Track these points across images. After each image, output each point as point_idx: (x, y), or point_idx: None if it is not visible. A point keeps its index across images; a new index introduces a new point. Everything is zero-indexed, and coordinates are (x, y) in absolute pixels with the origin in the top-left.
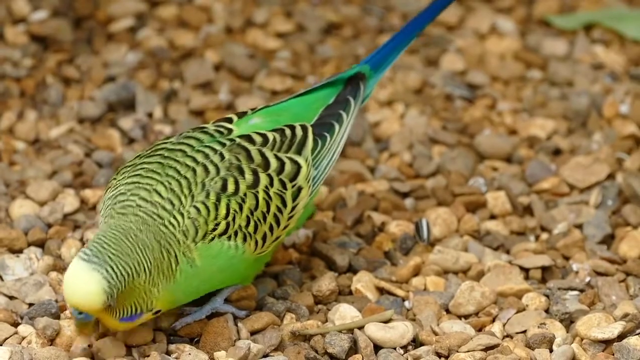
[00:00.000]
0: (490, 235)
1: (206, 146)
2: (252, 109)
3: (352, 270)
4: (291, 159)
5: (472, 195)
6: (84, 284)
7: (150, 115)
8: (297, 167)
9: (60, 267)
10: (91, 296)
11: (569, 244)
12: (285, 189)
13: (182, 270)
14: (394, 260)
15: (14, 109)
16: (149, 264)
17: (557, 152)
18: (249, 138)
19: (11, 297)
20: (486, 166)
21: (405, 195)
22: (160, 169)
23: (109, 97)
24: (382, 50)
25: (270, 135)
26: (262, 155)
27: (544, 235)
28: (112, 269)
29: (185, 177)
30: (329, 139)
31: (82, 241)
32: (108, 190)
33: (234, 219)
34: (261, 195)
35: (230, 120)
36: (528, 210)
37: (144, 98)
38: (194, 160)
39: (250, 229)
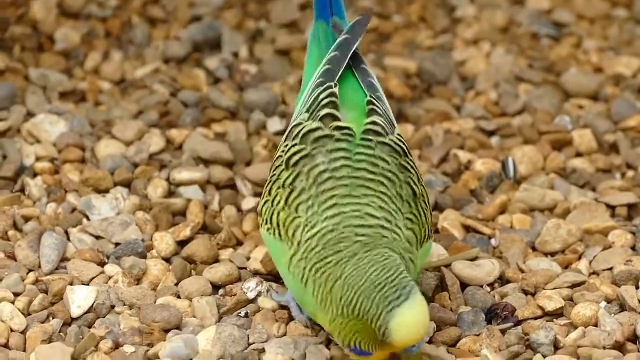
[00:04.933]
0: (576, 172)
1: (362, 154)
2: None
3: (438, 208)
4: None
5: (557, 133)
6: (427, 313)
7: (235, 54)
8: (403, 142)
9: (146, 206)
10: (427, 325)
11: None
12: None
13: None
14: (480, 198)
15: (99, 49)
16: None
17: None
18: (375, 133)
19: (97, 237)
20: (572, 104)
21: (491, 133)
22: (350, 191)
23: (194, 36)
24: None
25: (378, 121)
26: (395, 143)
27: (630, 173)
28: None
29: (382, 192)
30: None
31: (169, 181)
32: (297, 226)
33: (426, 219)
34: (420, 183)
35: (338, 120)
36: (614, 147)
37: (230, 37)
38: (370, 172)
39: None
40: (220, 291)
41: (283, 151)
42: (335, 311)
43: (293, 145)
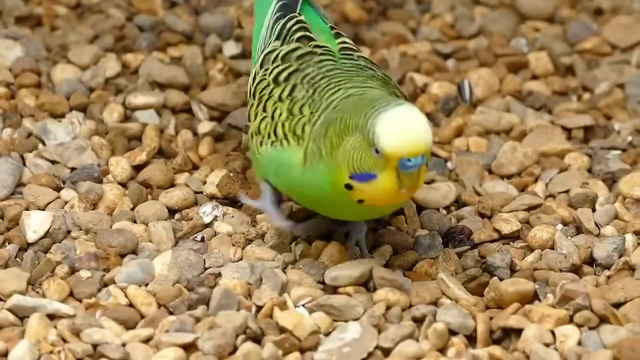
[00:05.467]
0: (533, 95)
1: (349, 64)
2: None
3: None
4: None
5: (514, 55)
6: (424, 123)
7: None
8: None
9: (102, 131)
10: (430, 133)
11: (611, 104)
12: None
13: None
14: (436, 121)
15: None
16: None
17: (599, 11)
18: (352, 49)
19: (53, 162)
20: (528, 27)
21: (447, 56)
22: (349, 81)
23: None
24: None
25: (349, 42)
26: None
27: (586, 95)
28: None
29: (379, 86)
30: None
31: (125, 105)
32: (306, 122)
33: None
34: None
35: (315, 40)
36: (570, 70)
37: None
38: (362, 74)
39: None
40: (177, 216)
41: (264, 75)
42: (339, 140)
43: (276, 67)
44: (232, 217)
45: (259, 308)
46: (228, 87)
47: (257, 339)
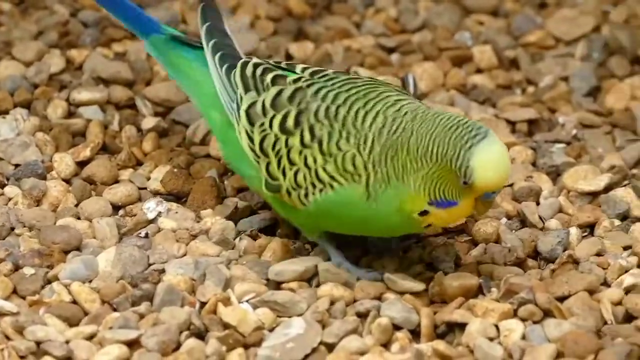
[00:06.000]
0: (477, 89)
1: (339, 81)
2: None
3: None
4: None
5: (458, 49)
6: (508, 156)
7: None
8: None
9: (46, 127)
10: (509, 165)
11: (555, 97)
12: None
13: None
14: None
15: None
16: None
17: (543, 5)
18: (319, 70)
19: None
20: (472, 20)
21: (391, 50)
22: (365, 102)
23: None
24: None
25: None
26: None
27: (530, 89)
28: None
29: (387, 91)
30: None
31: (69, 101)
32: (353, 157)
33: None
34: None
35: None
36: (514, 63)
37: None
38: (361, 86)
39: None
40: (121, 212)
41: (263, 130)
42: (417, 165)
43: (273, 117)
44: (176, 213)
45: (203, 304)
46: (172, 83)
47: (201, 335)
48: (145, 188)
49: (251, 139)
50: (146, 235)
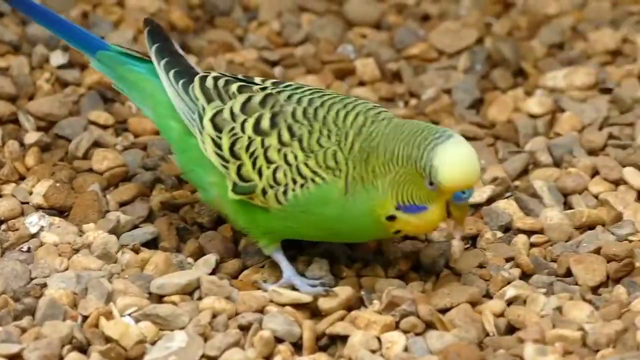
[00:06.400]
0: None
1: (306, 89)
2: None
3: None
4: None
5: (340, 62)
6: (475, 155)
7: None
8: None
9: None
10: (475, 165)
11: (438, 109)
12: None
13: None
14: None
15: None
16: None
17: (425, 17)
18: (277, 81)
19: None
20: (355, 33)
21: (274, 63)
22: (340, 106)
23: None
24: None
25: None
26: None
27: (413, 101)
28: None
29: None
30: None
31: None
32: (334, 153)
33: None
34: None
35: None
36: (397, 76)
37: None
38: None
39: None
40: (3, 226)
41: (234, 134)
42: (385, 169)
43: (244, 121)
44: (59, 227)
45: (85, 318)
46: (55, 97)
47: (83, 349)
48: (28, 202)
49: (218, 145)
50: (28, 250)
